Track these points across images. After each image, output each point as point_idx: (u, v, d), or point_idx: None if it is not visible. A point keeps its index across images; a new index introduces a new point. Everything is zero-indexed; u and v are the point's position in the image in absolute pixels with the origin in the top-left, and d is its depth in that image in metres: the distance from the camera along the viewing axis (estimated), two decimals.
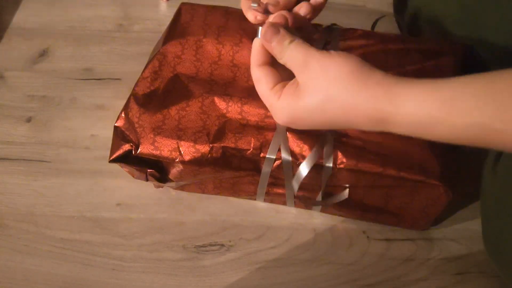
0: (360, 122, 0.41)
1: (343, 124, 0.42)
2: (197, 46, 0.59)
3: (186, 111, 0.55)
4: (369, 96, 0.40)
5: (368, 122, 0.41)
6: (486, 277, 0.59)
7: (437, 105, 0.37)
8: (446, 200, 0.54)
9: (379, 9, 0.79)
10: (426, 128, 0.39)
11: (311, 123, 0.43)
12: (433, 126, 0.38)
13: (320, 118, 0.42)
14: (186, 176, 0.57)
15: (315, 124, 0.43)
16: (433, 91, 0.38)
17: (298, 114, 0.43)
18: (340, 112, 0.41)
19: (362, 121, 0.41)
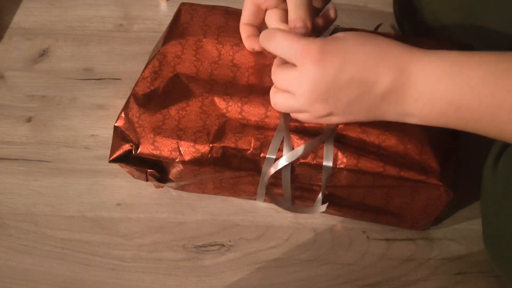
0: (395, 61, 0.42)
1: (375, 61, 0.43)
2: (197, 46, 0.59)
3: (186, 111, 0.55)
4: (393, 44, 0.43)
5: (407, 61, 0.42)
6: (486, 277, 0.59)
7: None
8: (446, 200, 0.54)
9: (380, 9, 0.79)
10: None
11: (348, 55, 0.43)
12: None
13: (358, 49, 0.43)
14: (186, 176, 0.57)
15: (351, 56, 0.43)
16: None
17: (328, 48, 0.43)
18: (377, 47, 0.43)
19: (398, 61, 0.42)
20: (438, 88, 0.42)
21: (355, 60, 0.43)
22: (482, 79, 0.40)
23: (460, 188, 0.56)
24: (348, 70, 0.43)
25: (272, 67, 0.49)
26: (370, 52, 0.43)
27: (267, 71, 0.58)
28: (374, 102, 0.44)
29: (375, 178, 0.53)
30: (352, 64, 0.43)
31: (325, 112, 0.46)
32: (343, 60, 0.43)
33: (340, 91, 0.44)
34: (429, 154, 0.53)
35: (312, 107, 0.45)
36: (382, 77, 0.42)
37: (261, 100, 0.55)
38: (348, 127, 0.54)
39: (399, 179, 0.53)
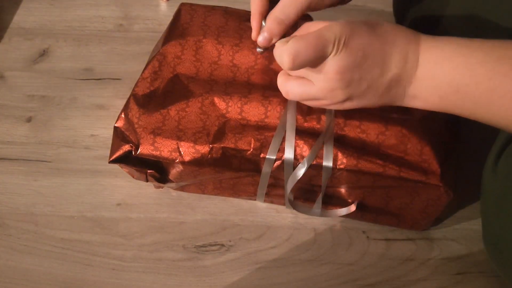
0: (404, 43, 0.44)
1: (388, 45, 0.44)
2: (197, 47, 0.59)
3: (186, 111, 0.55)
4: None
5: (412, 43, 0.44)
6: (486, 277, 0.59)
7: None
8: (446, 200, 0.54)
9: (380, 8, 0.79)
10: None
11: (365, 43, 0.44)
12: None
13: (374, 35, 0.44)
14: (186, 176, 0.57)
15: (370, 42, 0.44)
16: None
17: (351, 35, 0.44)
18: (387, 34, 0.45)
19: (406, 42, 0.44)
20: (440, 70, 0.44)
21: (374, 46, 0.44)
22: (480, 62, 0.42)
23: (460, 188, 0.56)
24: (370, 54, 0.44)
25: (280, 53, 0.46)
26: (383, 38, 0.45)
27: (267, 71, 0.58)
28: (388, 85, 0.45)
29: (375, 178, 0.53)
30: (372, 48, 0.44)
31: (344, 97, 0.46)
32: (366, 45, 0.44)
33: (362, 75, 0.45)
34: (429, 155, 0.53)
35: (332, 93, 0.46)
36: (394, 61, 0.45)
37: (261, 101, 0.55)
38: (348, 127, 0.54)
39: (399, 180, 0.53)
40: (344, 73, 0.44)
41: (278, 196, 0.59)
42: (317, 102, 0.48)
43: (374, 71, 0.45)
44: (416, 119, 0.54)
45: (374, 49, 0.44)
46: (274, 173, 0.55)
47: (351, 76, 0.45)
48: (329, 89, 0.46)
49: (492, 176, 0.53)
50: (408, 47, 0.45)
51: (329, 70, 0.45)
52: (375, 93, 0.46)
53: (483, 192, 0.55)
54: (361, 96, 0.46)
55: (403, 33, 0.46)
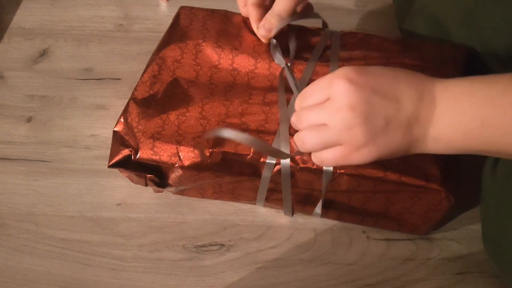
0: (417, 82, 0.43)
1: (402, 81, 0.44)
2: (196, 50, 0.59)
3: (186, 116, 0.55)
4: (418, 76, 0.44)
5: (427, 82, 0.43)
6: (486, 277, 0.59)
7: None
8: (447, 205, 0.54)
9: (380, 9, 0.79)
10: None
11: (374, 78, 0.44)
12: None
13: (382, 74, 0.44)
14: (185, 181, 0.56)
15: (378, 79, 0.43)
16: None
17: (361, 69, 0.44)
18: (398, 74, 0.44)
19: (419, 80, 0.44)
20: (460, 105, 0.42)
21: (383, 83, 0.43)
22: (501, 93, 0.40)
23: (460, 189, 0.56)
24: (380, 90, 0.43)
25: (294, 114, 0.47)
26: (394, 76, 0.44)
27: (266, 75, 0.58)
28: (407, 122, 0.43)
29: (376, 183, 0.53)
30: (381, 85, 0.43)
31: (363, 138, 0.43)
32: (373, 81, 0.43)
33: (377, 109, 0.43)
34: (430, 159, 0.53)
35: (349, 133, 0.43)
36: (409, 99, 0.43)
37: (261, 105, 0.55)
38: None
39: (400, 184, 0.52)
40: (357, 106, 0.43)
41: (278, 200, 0.59)
42: (336, 150, 0.45)
43: (388, 106, 0.43)
44: None
45: (385, 84, 0.43)
46: (274, 178, 0.54)
47: (365, 109, 0.43)
48: (346, 127, 0.43)
49: (491, 177, 0.53)
50: (423, 86, 0.43)
51: (338, 110, 0.43)
52: (396, 131, 0.43)
53: (483, 194, 0.55)
54: (382, 135, 0.43)
55: (416, 74, 0.44)
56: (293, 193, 0.57)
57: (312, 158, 0.47)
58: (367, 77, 0.43)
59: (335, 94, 0.43)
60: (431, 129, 0.43)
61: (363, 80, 0.43)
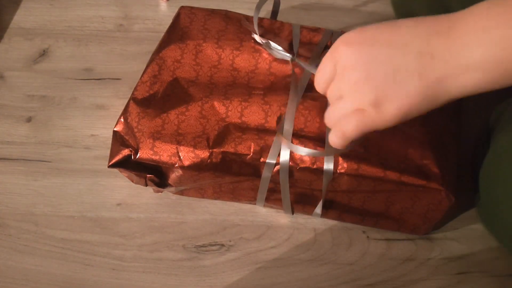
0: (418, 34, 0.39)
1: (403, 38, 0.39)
2: (196, 50, 0.59)
3: (186, 115, 0.55)
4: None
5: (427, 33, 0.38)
6: (487, 276, 0.59)
7: None
8: (447, 204, 0.54)
9: (380, 9, 0.79)
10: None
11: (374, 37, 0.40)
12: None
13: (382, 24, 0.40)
14: (185, 181, 0.56)
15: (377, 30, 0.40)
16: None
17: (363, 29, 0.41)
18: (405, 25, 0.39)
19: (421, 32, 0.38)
20: (492, 21, 0.36)
21: (383, 32, 0.40)
22: None
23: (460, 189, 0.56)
24: (380, 40, 0.40)
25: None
26: (394, 23, 0.40)
27: (267, 75, 0.58)
28: (420, 65, 0.38)
29: (376, 183, 0.53)
30: (382, 34, 0.40)
31: (372, 94, 0.40)
32: (372, 33, 0.40)
33: (378, 59, 0.40)
34: (430, 159, 0.53)
35: (358, 93, 0.40)
36: (415, 39, 0.39)
37: (261, 105, 0.55)
38: None
39: (400, 184, 0.52)
40: (357, 63, 0.40)
41: (278, 200, 0.59)
42: (353, 116, 0.41)
43: (392, 53, 0.39)
44: (417, 123, 0.54)
45: (385, 33, 0.40)
46: (274, 178, 0.54)
47: (366, 62, 0.40)
48: (353, 88, 0.40)
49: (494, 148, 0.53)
50: (433, 22, 0.39)
51: (344, 76, 0.41)
52: (408, 78, 0.39)
53: (484, 165, 0.55)
54: (393, 86, 0.39)
55: (424, 17, 0.40)
56: (293, 193, 0.56)
57: (332, 136, 0.44)
58: (365, 32, 0.41)
59: (337, 61, 0.42)
60: (458, 59, 0.37)
61: (360, 37, 0.41)
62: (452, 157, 0.55)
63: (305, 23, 0.73)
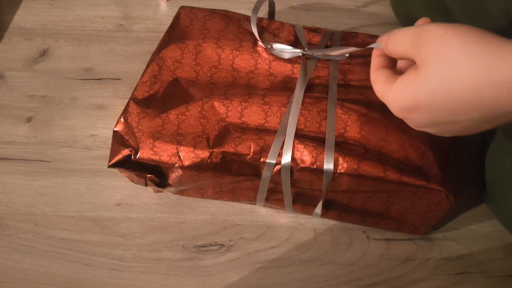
0: (498, 97, 0.34)
1: (475, 106, 0.35)
2: (196, 51, 0.59)
3: (186, 115, 0.55)
4: (506, 59, 0.34)
5: (508, 93, 0.34)
6: (486, 277, 0.59)
7: None
8: (447, 205, 0.54)
9: (380, 9, 0.79)
10: None
11: (434, 110, 0.36)
12: None
13: (445, 100, 0.35)
14: (185, 181, 0.56)
15: (439, 111, 0.36)
16: None
17: (418, 96, 0.37)
18: (470, 86, 0.34)
19: (500, 95, 0.34)
20: None
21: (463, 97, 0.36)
22: None
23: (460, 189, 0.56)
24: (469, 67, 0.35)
25: (370, 75, 0.47)
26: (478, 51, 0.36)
27: (267, 75, 0.58)
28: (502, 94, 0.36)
29: (376, 183, 0.53)
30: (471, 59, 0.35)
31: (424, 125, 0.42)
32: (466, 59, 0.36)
33: (443, 110, 0.38)
34: (430, 159, 0.53)
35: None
36: (499, 104, 0.35)
37: (261, 105, 0.55)
38: (349, 132, 0.54)
39: (400, 184, 0.52)
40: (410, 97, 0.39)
41: (278, 200, 0.59)
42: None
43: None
44: None
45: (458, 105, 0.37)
46: (274, 178, 0.54)
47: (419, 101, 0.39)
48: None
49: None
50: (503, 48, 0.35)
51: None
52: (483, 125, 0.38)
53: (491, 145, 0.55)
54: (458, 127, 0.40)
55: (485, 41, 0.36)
56: (292, 193, 0.57)
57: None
58: (422, 114, 0.39)
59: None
60: None
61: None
62: (452, 158, 0.55)
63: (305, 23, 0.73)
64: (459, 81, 0.35)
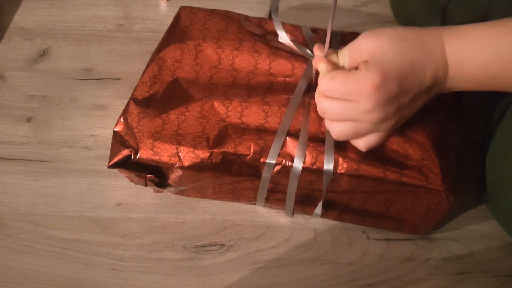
0: (432, 53, 0.46)
1: (420, 61, 0.46)
2: (196, 51, 0.59)
3: (186, 115, 0.55)
4: (432, 29, 0.47)
5: (438, 50, 0.46)
6: (486, 277, 0.59)
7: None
8: (447, 205, 0.54)
9: (381, 9, 0.79)
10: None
11: (398, 73, 0.46)
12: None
13: (401, 60, 0.46)
14: (185, 181, 0.56)
15: (401, 67, 0.46)
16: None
17: (383, 66, 0.46)
18: (415, 46, 0.46)
19: (433, 50, 0.46)
20: (470, 67, 0.46)
21: (404, 65, 0.46)
22: (508, 50, 0.44)
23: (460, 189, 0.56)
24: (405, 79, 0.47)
25: (320, 78, 0.50)
26: (411, 51, 0.47)
27: (267, 75, 0.58)
28: (427, 92, 0.48)
29: (376, 183, 0.53)
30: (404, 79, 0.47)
31: (393, 120, 0.49)
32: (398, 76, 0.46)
33: (403, 67, 0.46)
34: (430, 159, 0.53)
35: (382, 125, 0.49)
36: (428, 75, 0.47)
37: (261, 105, 0.55)
38: None
39: (400, 184, 0.52)
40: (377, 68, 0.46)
41: (278, 200, 0.59)
42: (352, 124, 0.49)
43: (411, 87, 0.47)
44: (417, 124, 0.54)
45: (406, 77, 0.47)
46: (274, 178, 0.54)
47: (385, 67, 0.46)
48: (372, 106, 0.47)
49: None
50: (437, 57, 0.46)
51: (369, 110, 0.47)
52: (419, 100, 0.49)
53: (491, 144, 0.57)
54: (408, 109, 0.49)
55: (427, 38, 0.47)
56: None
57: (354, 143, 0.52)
58: (391, 82, 0.46)
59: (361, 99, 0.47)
60: (446, 86, 0.48)
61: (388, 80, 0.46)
62: (452, 158, 0.55)
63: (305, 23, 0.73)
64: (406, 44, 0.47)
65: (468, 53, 0.46)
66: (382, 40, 0.47)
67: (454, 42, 0.46)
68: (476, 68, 0.46)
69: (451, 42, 0.46)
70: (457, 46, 0.46)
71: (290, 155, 0.53)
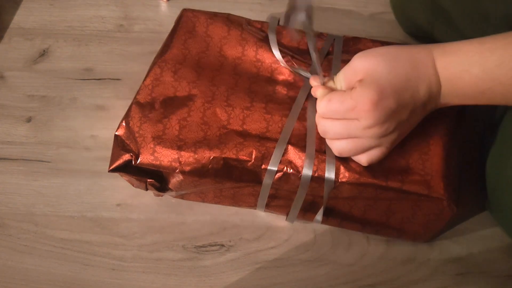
0: (424, 69, 0.48)
1: (413, 78, 0.48)
2: (199, 55, 0.59)
3: (187, 121, 0.55)
4: (423, 47, 0.49)
5: (430, 67, 0.48)
6: (486, 277, 0.59)
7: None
8: (449, 214, 0.53)
9: (380, 10, 0.79)
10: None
11: (394, 88, 0.47)
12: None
13: (396, 78, 0.48)
14: (186, 186, 0.56)
15: (397, 87, 0.48)
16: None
17: (379, 83, 0.47)
18: (408, 63, 0.48)
19: (426, 67, 0.48)
20: (462, 83, 0.47)
21: (399, 82, 0.48)
22: (498, 65, 0.45)
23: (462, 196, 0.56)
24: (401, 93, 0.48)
25: (318, 102, 0.51)
26: (404, 69, 0.48)
27: (269, 81, 0.58)
28: (422, 108, 0.50)
29: (378, 191, 0.52)
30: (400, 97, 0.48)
31: (395, 134, 0.50)
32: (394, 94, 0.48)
33: (398, 83, 0.48)
34: (432, 168, 0.52)
35: (384, 139, 0.50)
36: (421, 92, 0.49)
37: (263, 114, 0.55)
38: None
39: (402, 193, 0.52)
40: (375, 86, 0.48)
41: (278, 207, 0.58)
42: (353, 141, 0.50)
43: (407, 105, 0.49)
44: (419, 133, 0.53)
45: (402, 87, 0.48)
46: (275, 185, 0.54)
47: (380, 84, 0.48)
48: (372, 122, 0.48)
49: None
50: (429, 73, 0.48)
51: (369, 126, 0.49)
52: (416, 117, 0.50)
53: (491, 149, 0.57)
54: (407, 125, 0.51)
55: (417, 56, 0.49)
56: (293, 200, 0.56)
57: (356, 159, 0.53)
58: (388, 98, 0.48)
59: (360, 117, 0.48)
60: (440, 102, 0.50)
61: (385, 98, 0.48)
62: (454, 166, 0.54)
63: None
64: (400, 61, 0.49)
65: (458, 69, 0.47)
66: (375, 60, 0.48)
67: (445, 58, 0.48)
68: (467, 83, 0.47)
69: (441, 58, 0.48)
70: (447, 62, 0.47)
71: (291, 162, 0.53)
